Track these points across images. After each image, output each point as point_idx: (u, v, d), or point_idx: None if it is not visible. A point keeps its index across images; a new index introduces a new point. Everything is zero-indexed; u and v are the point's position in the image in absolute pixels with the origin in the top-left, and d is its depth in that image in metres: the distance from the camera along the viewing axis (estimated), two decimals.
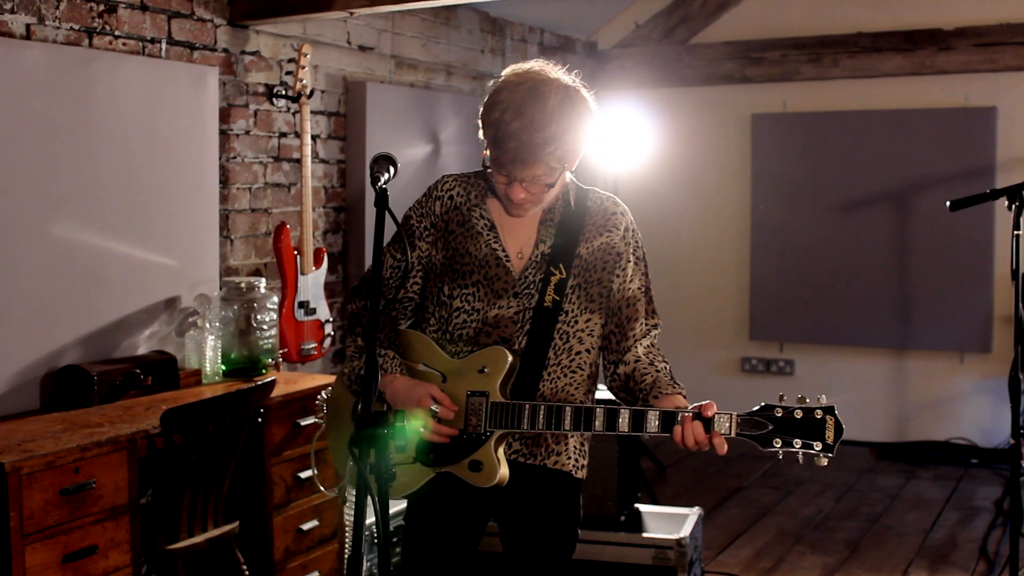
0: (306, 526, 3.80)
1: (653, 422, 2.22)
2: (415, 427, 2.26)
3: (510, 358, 2.32)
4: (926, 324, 6.49)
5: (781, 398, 2.21)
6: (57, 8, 3.65)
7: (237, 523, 3.48)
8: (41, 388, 3.59)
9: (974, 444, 6.39)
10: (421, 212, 2.45)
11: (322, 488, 3.73)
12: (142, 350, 3.96)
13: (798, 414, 2.18)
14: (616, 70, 7.17)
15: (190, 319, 4.10)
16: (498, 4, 5.93)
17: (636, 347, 2.43)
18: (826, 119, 6.68)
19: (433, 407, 2.30)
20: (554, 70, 2.32)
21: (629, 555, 3.89)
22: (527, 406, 2.29)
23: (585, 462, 2.49)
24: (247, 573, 3.47)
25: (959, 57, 6.36)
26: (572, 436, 2.44)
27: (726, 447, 2.20)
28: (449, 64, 5.74)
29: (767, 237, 6.86)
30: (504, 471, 2.31)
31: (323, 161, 4.92)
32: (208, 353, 4.02)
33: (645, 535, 3.91)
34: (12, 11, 3.51)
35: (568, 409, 2.27)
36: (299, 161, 4.42)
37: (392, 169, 2.17)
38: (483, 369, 2.33)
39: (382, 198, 2.10)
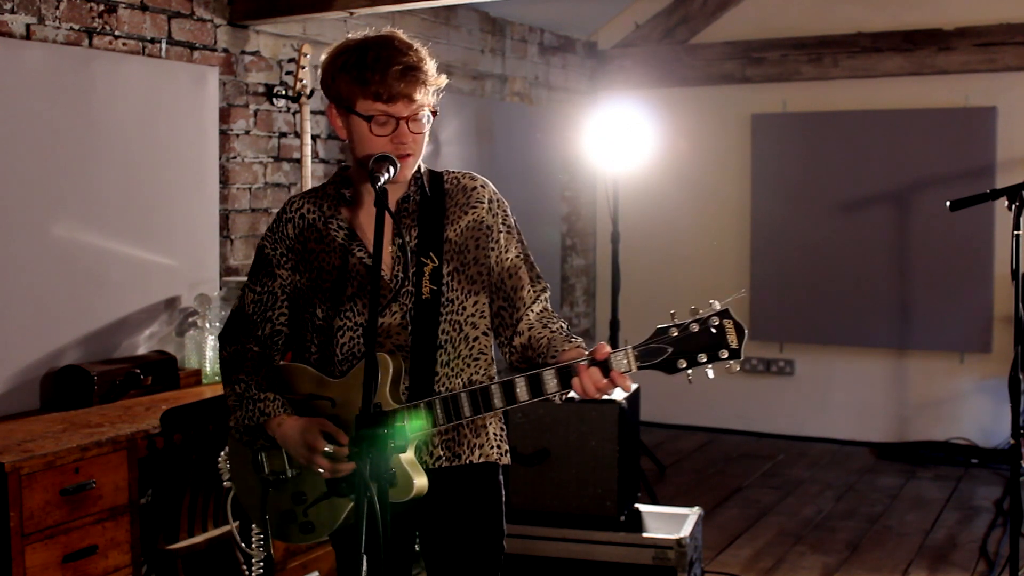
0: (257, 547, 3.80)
1: (551, 382, 2.12)
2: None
3: (390, 361, 2.19)
4: (926, 324, 6.49)
5: (672, 316, 2.09)
6: (57, 8, 3.65)
7: (237, 523, 3.47)
8: (41, 388, 3.60)
9: (974, 444, 6.39)
10: (275, 239, 2.34)
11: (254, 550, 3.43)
12: (142, 350, 3.96)
13: (695, 327, 2.06)
14: (616, 70, 7.17)
15: (190, 319, 4.11)
16: (498, 4, 5.92)
17: (528, 315, 2.34)
18: (826, 119, 6.68)
19: (327, 448, 2.18)
20: None
21: (629, 555, 3.89)
22: (421, 405, 2.17)
23: (507, 446, 2.40)
24: (247, 573, 3.46)
25: (959, 57, 6.36)
26: (491, 424, 2.35)
27: (631, 384, 2.13)
28: (449, 64, 5.74)
29: (767, 237, 6.86)
30: (421, 480, 2.18)
31: (323, 161, 4.93)
32: (208, 353, 4.02)
33: (645, 535, 3.90)
34: (12, 11, 3.52)
35: (463, 395, 2.16)
36: (299, 161, 4.42)
37: (392, 169, 2.15)
38: None
39: (382, 198, 2.09)
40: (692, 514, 4.10)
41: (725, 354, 2.05)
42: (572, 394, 2.17)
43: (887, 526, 5.15)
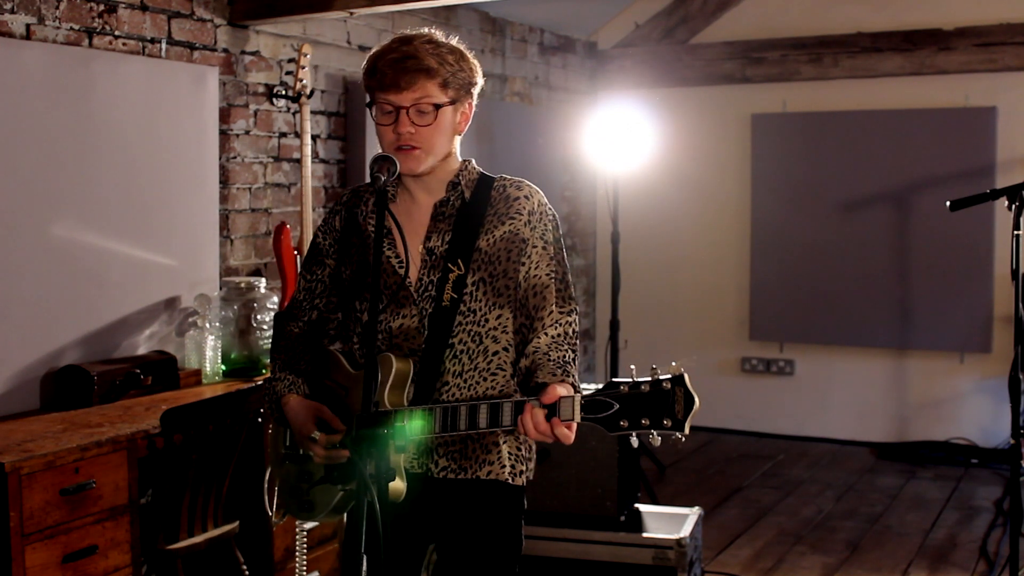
0: (307, 526, 3.80)
1: (507, 415, 2.08)
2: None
3: (395, 364, 2.18)
4: (926, 324, 6.49)
5: (632, 370, 2.02)
6: (57, 8, 3.65)
7: (237, 523, 3.47)
8: (41, 388, 3.60)
9: (974, 444, 6.39)
10: (325, 230, 2.41)
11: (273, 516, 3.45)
12: (142, 350, 3.96)
13: (645, 388, 1.97)
14: (616, 70, 7.17)
15: (190, 319, 4.11)
16: (498, 4, 5.93)
17: (540, 337, 2.25)
18: (826, 119, 6.68)
19: (313, 434, 2.23)
20: None
21: (629, 555, 3.89)
22: (406, 413, 2.16)
23: (524, 468, 2.33)
24: (247, 573, 3.47)
25: (959, 57, 6.36)
26: (505, 442, 2.30)
27: (572, 436, 2.03)
28: None
29: (767, 237, 6.87)
30: (398, 485, 2.12)
31: (323, 161, 4.93)
32: (208, 353, 4.02)
33: (645, 535, 3.91)
34: (12, 11, 3.52)
35: (438, 410, 2.13)
36: (299, 161, 4.42)
37: (392, 169, 2.16)
38: None
39: (382, 198, 2.09)
40: (692, 514, 4.10)
41: (668, 423, 1.95)
42: None
43: (887, 526, 5.15)
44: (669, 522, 4.03)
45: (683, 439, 1.97)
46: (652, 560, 3.87)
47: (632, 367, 2.03)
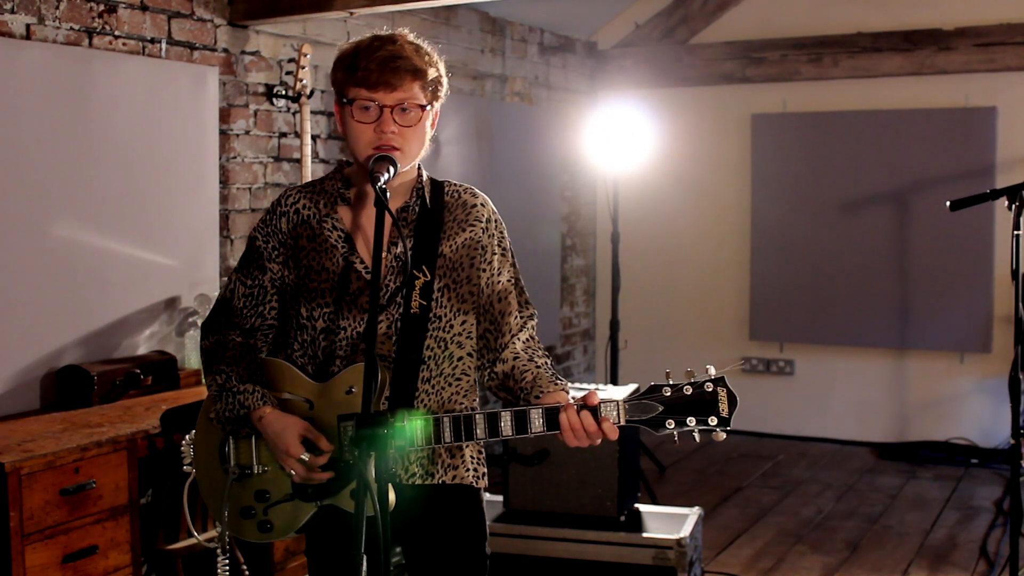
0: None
1: (537, 421, 2.11)
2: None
3: (377, 373, 2.14)
4: (926, 324, 6.49)
5: (668, 375, 2.12)
6: (57, 8, 3.66)
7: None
8: (41, 388, 3.60)
9: (974, 444, 6.39)
10: (267, 232, 2.30)
11: (198, 538, 3.24)
12: (142, 350, 3.96)
13: (688, 391, 2.09)
14: (616, 70, 7.17)
15: (190, 319, 4.11)
16: (498, 4, 5.93)
17: (514, 343, 2.32)
18: (826, 119, 6.68)
19: (303, 456, 2.14)
20: None
21: (629, 555, 3.89)
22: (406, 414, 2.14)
23: (484, 469, 2.37)
24: (247, 573, 3.47)
25: (959, 57, 6.36)
26: (467, 447, 2.32)
27: (616, 432, 2.10)
28: (449, 64, 5.71)
29: (767, 237, 6.87)
30: (390, 496, 2.11)
31: (323, 161, 4.93)
32: None
33: (645, 535, 3.91)
34: (12, 11, 3.52)
35: (447, 419, 2.12)
36: (299, 161, 4.42)
37: (392, 169, 2.14)
38: (350, 389, 2.17)
39: (382, 199, 2.09)
40: (692, 514, 4.10)
41: (714, 421, 2.10)
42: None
43: (887, 526, 5.15)
44: (669, 522, 4.03)
45: (724, 437, 2.10)
46: (652, 560, 3.87)
47: (668, 371, 2.14)
